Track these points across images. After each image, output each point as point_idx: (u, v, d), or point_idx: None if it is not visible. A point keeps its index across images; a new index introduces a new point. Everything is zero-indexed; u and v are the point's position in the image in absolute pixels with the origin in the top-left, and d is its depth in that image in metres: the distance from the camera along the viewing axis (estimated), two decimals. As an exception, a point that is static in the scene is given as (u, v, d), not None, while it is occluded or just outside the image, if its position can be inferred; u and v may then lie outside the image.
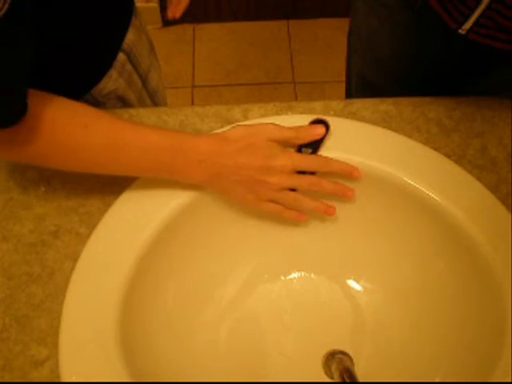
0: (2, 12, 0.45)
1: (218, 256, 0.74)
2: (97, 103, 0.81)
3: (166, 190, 0.67)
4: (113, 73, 0.80)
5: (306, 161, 0.66)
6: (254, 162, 0.63)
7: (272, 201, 0.66)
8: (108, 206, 0.66)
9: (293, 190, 0.66)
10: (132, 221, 0.65)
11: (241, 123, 0.66)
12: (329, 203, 0.68)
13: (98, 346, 0.57)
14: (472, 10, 0.64)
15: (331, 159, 0.67)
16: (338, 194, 0.69)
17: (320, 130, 0.67)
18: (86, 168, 0.64)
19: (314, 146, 0.68)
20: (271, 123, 0.65)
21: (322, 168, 0.67)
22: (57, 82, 0.73)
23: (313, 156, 0.67)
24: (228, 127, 0.66)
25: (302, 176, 0.66)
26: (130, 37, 0.82)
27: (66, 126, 0.59)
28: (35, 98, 0.57)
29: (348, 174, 0.67)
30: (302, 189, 0.66)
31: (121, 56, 0.81)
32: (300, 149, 0.68)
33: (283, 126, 0.66)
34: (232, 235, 0.74)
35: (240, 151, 0.63)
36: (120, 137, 0.61)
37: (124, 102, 0.86)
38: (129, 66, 0.83)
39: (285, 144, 0.66)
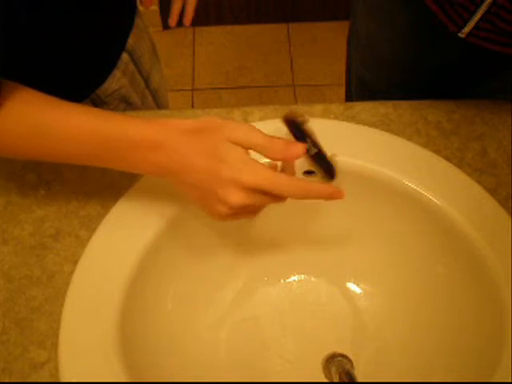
0: None
1: (219, 259, 0.74)
2: (101, 104, 0.82)
3: (166, 193, 0.66)
4: (116, 72, 0.81)
5: (277, 183, 0.52)
6: (205, 164, 0.52)
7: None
8: (108, 209, 0.66)
9: None
10: (132, 224, 0.65)
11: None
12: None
13: (98, 348, 0.57)
14: (472, 14, 0.64)
15: (311, 185, 0.54)
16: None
17: (298, 150, 0.53)
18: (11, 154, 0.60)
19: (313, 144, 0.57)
20: (243, 123, 0.55)
21: (298, 196, 0.54)
22: (63, 82, 0.74)
23: (287, 178, 0.53)
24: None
25: (262, 197, 0.53)
26: (133, 37, 0.82)
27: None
28: None
29: (328, 196, 0.56)
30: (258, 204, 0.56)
31: (124, 56, 0.81)
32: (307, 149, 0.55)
33: (256, 130, 0.53)
34: (233, 238, 0.74)
35: (193, 148, 0.53)
36: (49, 121, 0.55)
37: (127, 103, 0.86)
38: (132, 66, 0.84)
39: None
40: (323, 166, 0.58)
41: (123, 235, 0.64)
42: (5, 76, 0.55)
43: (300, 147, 0.53)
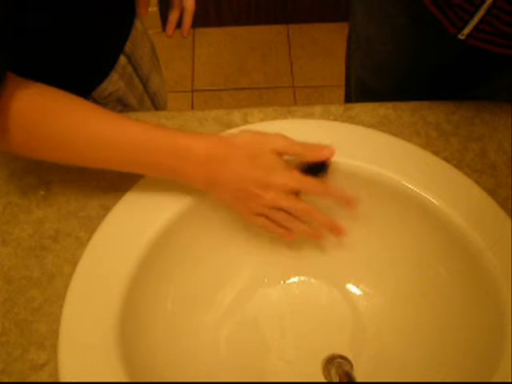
0: None
1: (218, 260, 0.74)
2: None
3: (166, 194, 0.67)
4: (114, 75, 0.81)
5: (306, 184, 0.63)
6: (252, 174, 0.60)
7: (262, 215, 0.64)
8: (107, 210, 0.66)
9: None
10: (132, 225, 0.65)
11: (247, 128, 0.65)
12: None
13: (98, 349, 0.57)
14: (471, 16, 0.65)
15: (332, 187, 0.66)
16: (327, 228, 0.68)
17: (327, 152, 0.63)
18: (66, 159, 0.62)
19: (322, 169, 0.66)
20: (280, 134, 0.62)
21: (322, 194, 0.66)
22: (59, 83, 0.74)
23: (314, 180, 0.64)
24: (234, 130, 0.64)
25: (298, 201, 0.64)
26: (132, 40, 0.82)
27: (48, 113, 0.58)
28: (12, 82, 0.56)
29: (345, 202, 0.66)
30: (295, 214, 0.64)
31: (122, 59, 0.81)
32: (315, 173, 0.65)
33: (292, 140, 0.63)
34: (232, 239, 0.74)
35: (241, 160, 0.60)
36: (109, 132, 0.59)
37: (124, 105, 0.86)
38: (129, 69, 0.84)
39: (290, 158, 0.63)
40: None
41: (123, 236, 0.64)
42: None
43: (330, 148, 0.63)
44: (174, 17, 0.82)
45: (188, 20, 0.80)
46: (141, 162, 0.61)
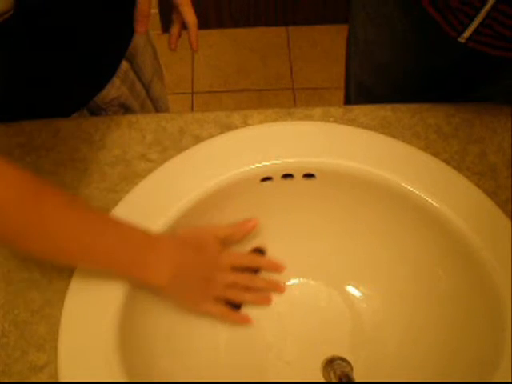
0: None
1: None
2: (99, 110, 0.82)
3: (166, 195, 0.67)
4: (116, 80, 0.81)
5: (242, 258, 0.72)
6: (208, 260, 0.67)
7: (219, 297, 0.69)
8: (108, 212, 0.66)
9: None
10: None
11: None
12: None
13: (97, 351, 0.57)
14: (471, 19, 0.65)
15: (260, 258, 0.75)
16: (269, 289, 0.75)
17: (250, 224, 0.71)
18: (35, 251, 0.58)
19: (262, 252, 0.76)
20: (214, 227, 0.70)
21: (253, 265, 0.74)
22: (60, 89, 0.74)
23: (245, 254, 0.75)
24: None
25: (240, 274, 0.71)
26: (134, 45, 0.82)
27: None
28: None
29: (275, 269, 0.75)
30: (242, 283, 0.71)
31: (124, 64, 0.81)
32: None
33: (223, 226, 0.70)
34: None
35: (195, 251, 0.66)
36: (95, 229, 0.58)
37: (126, 109, 0.86)
38: (131, 74, 0.84)
39: (226, 241, 0.70)
40: None
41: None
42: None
43: (249, 222, 0.71)
44: (175, 31, 0.82)
45: (193, 35, 0.80)
46: (121, 255, 0.60)
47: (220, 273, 0.68)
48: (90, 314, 0.59)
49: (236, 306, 0.73)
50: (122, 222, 0.61)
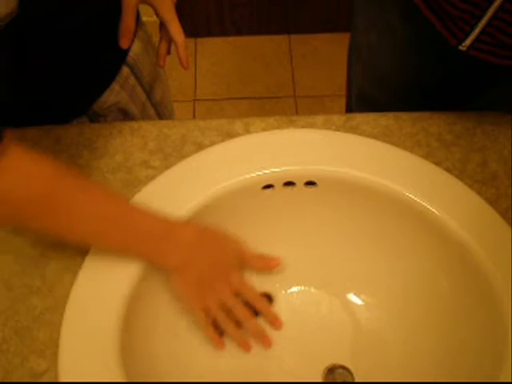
0: None
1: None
2: (97, 117, 0.82)
3: (167, 203, 0.67)
4: (115, 86, 0.81)
5: (250, 292, 0.70)
6: (219, 268, 0.67)
7: (208, 309, 0.67)
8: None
9: None
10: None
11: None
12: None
13: (98, 358, 0.57)
14: (472, 27, 0.65)
15: (265, 304, 0.72)
16: (257, 338, 0.72)
17: (274, 263, 0.71)
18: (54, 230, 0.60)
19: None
20: (243, 245, 0.69)
21: (257, 305, 0.71)
22: (59, 95, 0.74)
23: (255, 291, 0.70)
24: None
25: (240, 304, 0.68)
26: (135, 50, 0.82)
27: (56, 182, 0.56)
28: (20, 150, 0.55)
29: (273, 322, 0.73)
30: (236, 314, 0.69)
31: (124, 69, 0.81)
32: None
33: (250, 251, 0.69)
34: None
35: (212, 252, 0.66)
36: (111, 212, 0.60)
37: (126, 115, 0.86)
38: (132, 79, 0.84)
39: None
40: None
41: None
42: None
43: (276, 262, 0.71)
44: (162, 49, 0.83)
45: (182, 53, 0.79)
46: (136, 239, 0.62)
47: (223, 286, 0.67)
48: (90, 321, 0.59)
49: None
50: (140, 208, 0.62)
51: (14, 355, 0.59)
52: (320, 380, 0.68)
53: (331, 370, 0.68)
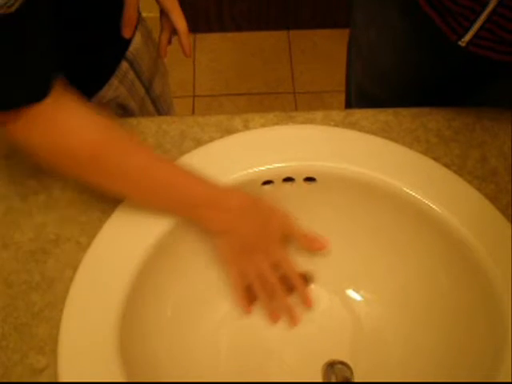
0: (15, 7, 0.46)
1: (219, 266, 0.74)
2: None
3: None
4: (114, 81, 0.80)
5: (289, 267, 0.70)
6: (262, 237, 0.67)
7: (247, 275, 0.69)
8: (108, 214, 0.66)
9: None
10: (132, 230, 0.65)
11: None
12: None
13: (98, 354, 0.57)
14: (472, 23, 0.65)
15: (302, 284, 0.73)
16: (288, 313, 0.73)
17: (319, 245, 0.72)
18: (100, 184, 0.63)
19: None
20: (292, 218, 0.69)
21: (294, 282, 0.71)
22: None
23: (294, 267, 0.71)
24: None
25: (276, 276, 0.70)
26: (135, 45, 0.82)
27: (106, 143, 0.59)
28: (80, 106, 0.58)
29: (305, 302, 0.74)
30: (271, 285, 0.70)
31: (123, 64, 0.81)
32: None
33: (297, 227, 0.70)
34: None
35: (259, 220, 0.66)
36: (161, 175, 0.62)
37: (125, 110, 0.86)
38: (131, 74, 0.83)
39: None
40: None
41: (123, 241, 0.64)
42: None
43: (322, 245, 0.72)
44: (164, 38, 0.83)
45: (185, 41, 0.80)
46: (173, 203, 0.65)
47: (263, 257, 0.68)
48: (90, 318, 0.59)
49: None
50: (189, 173, 0.64)
51: (13, 352, 0.59)
52: (319, 375, 0.68)
53: (330, 365, 0.68)
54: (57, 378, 0.57)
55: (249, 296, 0.72)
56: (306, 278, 0.75)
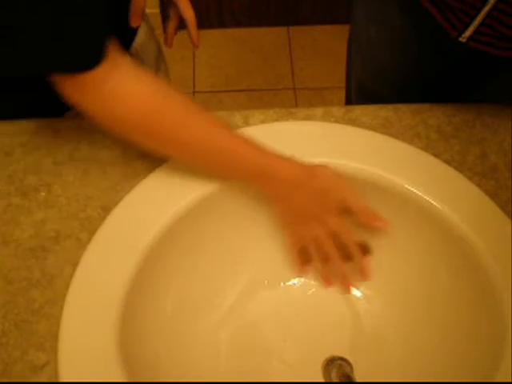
0: None
1: (219, 262, 0.74)
2: None
3: (166, 196, 0.67)
4: None
5: (348, 236, 0.70)
6: (320, 205, 0.67)
7: (306, 241, 0.71)
8: (108, 211, 0.66)
9: None
10: (132, 227, 0.65)
11: (325, 163, 0.68)
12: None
13: (98, 351, 0.57)
14: (472, 18, 0.65)
15: (360, 255, 0.72)
16: (342, 280, 0.75)
17: (377, 224, 0.69)
18: (156, 147, 0.64)
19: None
20: (353, 188, 0.67)
21: (351, 251, 0.71)
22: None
23: (352, 238, 0.70)
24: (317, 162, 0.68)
25: (334, 244, 0.70)
26: (138, 41, 0.82)
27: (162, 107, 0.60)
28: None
29: (362, 273, 0.73)
30: (328, 252, 0.71)
31: None
32: None
33: (360, 200, 0.68)
34: (233, 242, 0.74)
35: (316, 190, 0.66)
36: (214, 142, 0.63)
37: None
38: None
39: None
40: None
41: (123, 238, 0.64)
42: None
43: (381, 223, 0.69)
44: (172, 28, 0.83)
45: (193, 31, 0.81)
46: (232, 170, 0.67)
47: (319, 226, 0.68)
48: (90, 314, 0.60)
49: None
50: (244, 141, 0.64)
51: (13, 348, 0.59)
52: (320, 371, 0.68)
53: (331, 361, 0.68)
54: (57, 375, 0.57)
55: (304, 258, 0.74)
56: (365, 249, 0.74)
